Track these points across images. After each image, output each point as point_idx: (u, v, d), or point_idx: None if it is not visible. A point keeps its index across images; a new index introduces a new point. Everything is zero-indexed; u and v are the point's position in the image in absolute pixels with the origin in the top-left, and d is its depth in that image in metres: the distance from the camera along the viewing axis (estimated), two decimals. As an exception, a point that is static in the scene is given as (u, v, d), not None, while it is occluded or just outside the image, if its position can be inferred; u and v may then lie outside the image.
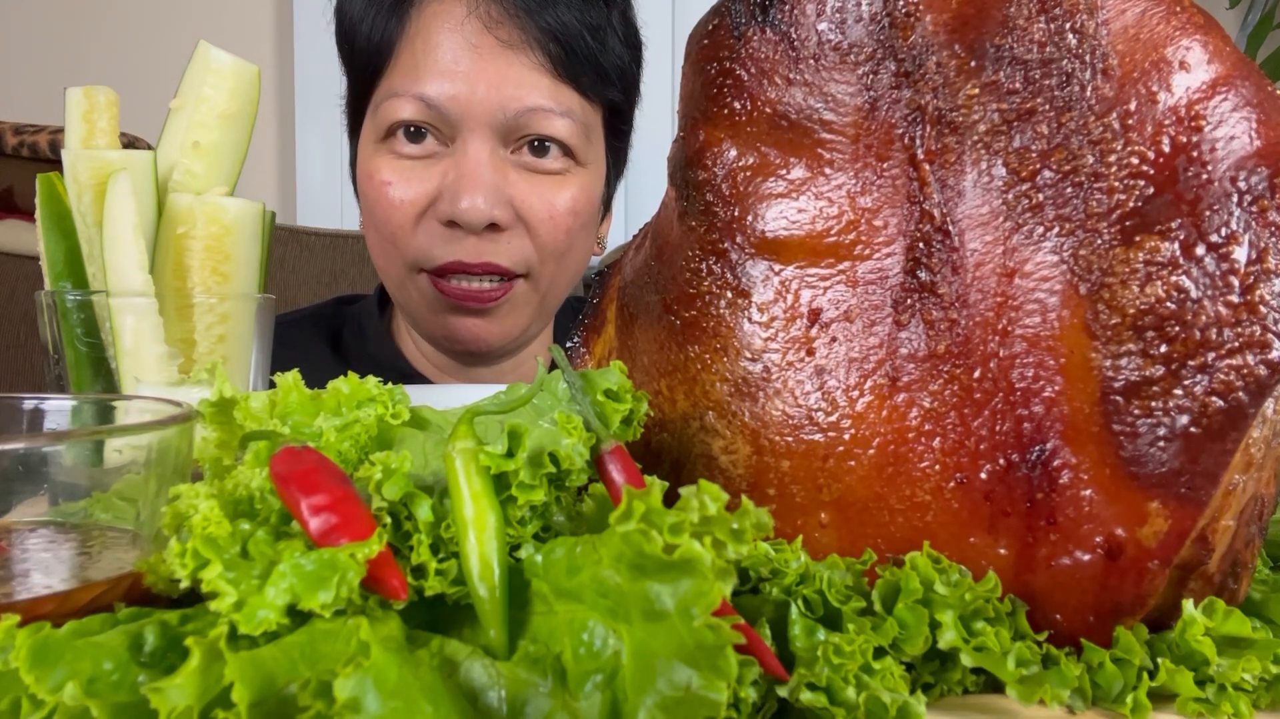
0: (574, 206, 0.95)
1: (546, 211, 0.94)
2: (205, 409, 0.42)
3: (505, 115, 0.91)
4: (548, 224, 0.94)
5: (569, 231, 0.95)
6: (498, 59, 0.91)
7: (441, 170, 0.93)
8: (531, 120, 0.92)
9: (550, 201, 0.94)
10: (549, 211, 0.94)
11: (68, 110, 0.64)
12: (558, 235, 0.95)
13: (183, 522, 0.34)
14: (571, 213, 0.95)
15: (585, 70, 0.94)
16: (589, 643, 0.30)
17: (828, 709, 0.34)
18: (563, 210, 0.94)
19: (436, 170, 0.93)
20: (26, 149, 1.63)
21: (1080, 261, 0.40)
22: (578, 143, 0.94)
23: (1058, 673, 0.37)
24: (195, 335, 0.63)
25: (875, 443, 0.41)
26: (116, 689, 0.29)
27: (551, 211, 0.94)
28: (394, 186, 0.93)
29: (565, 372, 0.39)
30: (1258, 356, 0.37)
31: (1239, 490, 0.39)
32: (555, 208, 0.94)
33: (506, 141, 0.93)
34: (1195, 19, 0.41)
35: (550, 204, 0.94)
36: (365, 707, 0.26)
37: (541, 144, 0.94)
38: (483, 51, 0.91)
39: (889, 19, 0.43)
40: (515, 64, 0.91)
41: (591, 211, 0.98)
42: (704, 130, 0.45)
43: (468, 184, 0.90)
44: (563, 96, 0.93)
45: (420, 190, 0.93)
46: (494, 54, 0.91)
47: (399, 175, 0.93)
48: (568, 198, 0.95)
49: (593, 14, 0.94)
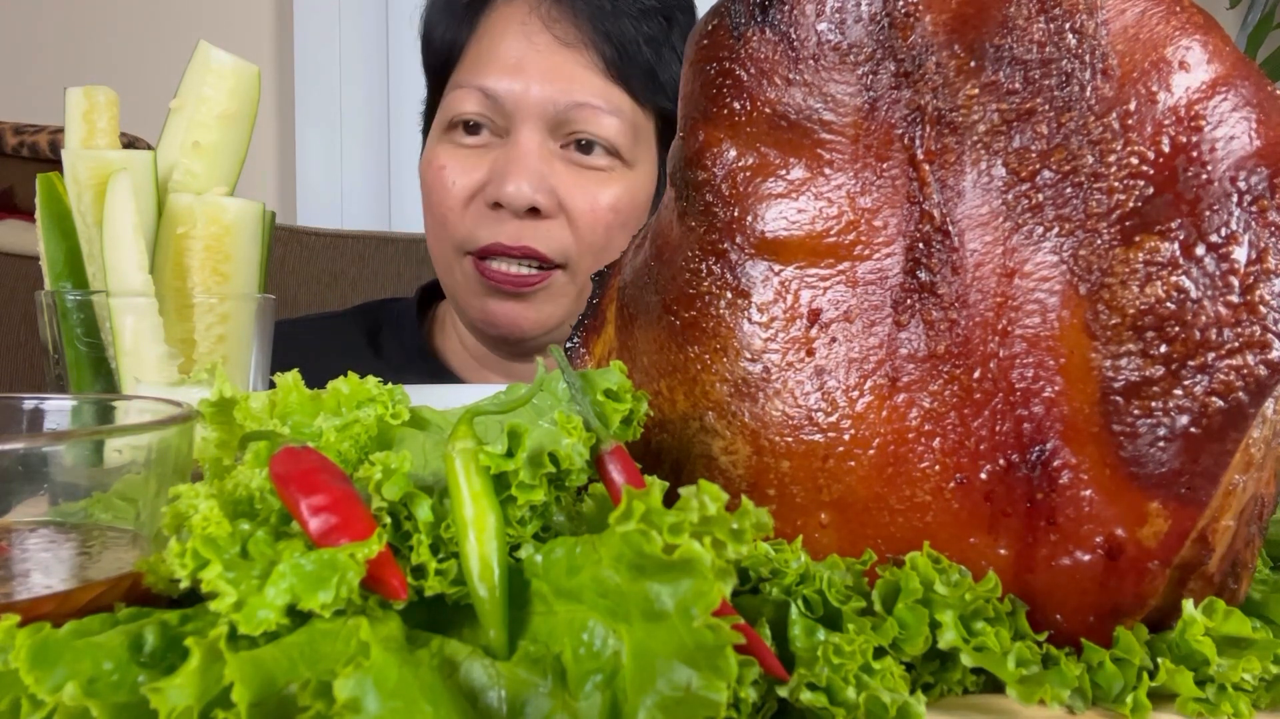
0: (615, 204, 0.98)
1: (588, 204, 0.97)
2: (205, 409, 0.42)
3: (555, 108, 0.96)
4: (588, 216, 0.97)
5: (608, 227, 0.99)
6: (554, 55, 0.96)
7: (493, 158, 0.98)
8: (579, 115, 0.96)
9: (593, 195, 0.97)
10: (590, 205, 0.97)
11: (68, 110, 0.64)
12: (597, 229, 0.98)
13: (183, 522, 0.34)
14: (612, 209, 0.98)
15: (637, 75, 0.98)
16: (589, 643, 0.30)
17: (828, 709, 0.34)
18: (604, 206, 0.98)
19: (489, 158, 0.98)
20: (26, 149, 1.63)
21: (1080, 262, 0.40)
22: (624, 142, 0.98)
23: (1058, 673, 0.37)
24: (195, 335, 0.63)
25: (875, 443, 0.41)
26: (116, 689, 0.29)
27: (593, 205, 0.97)
28: (449, 170, 1.00)
29: (565, 372, 0.39)
30: (1258, 357, 0.37)
31: (1239, 490, 0.39)
32: (597, 202, 0.98)
33: (556, 135, 0.97)
34: (1195, 19, 0.41)
35: (592, 198, 0.97)
36: (365, 707, 0.26)
37: (588, 143, 0.98)
38: (540, 47, 0.97)
39: (888, 19, 0.43)
40: (570, 61, 0.96)
41: (634, 212, 1.01)
42: (704, 131, 0.45)
43: (514, 169, 0.95)
44: (612, 96, 0.97)
45: (473, 175, 0.98)
46: (550, 50, 0.97)
47: (455, 160, 1.00)
48: (610, 194, 0.98)
49: (650, 26, 0.98)
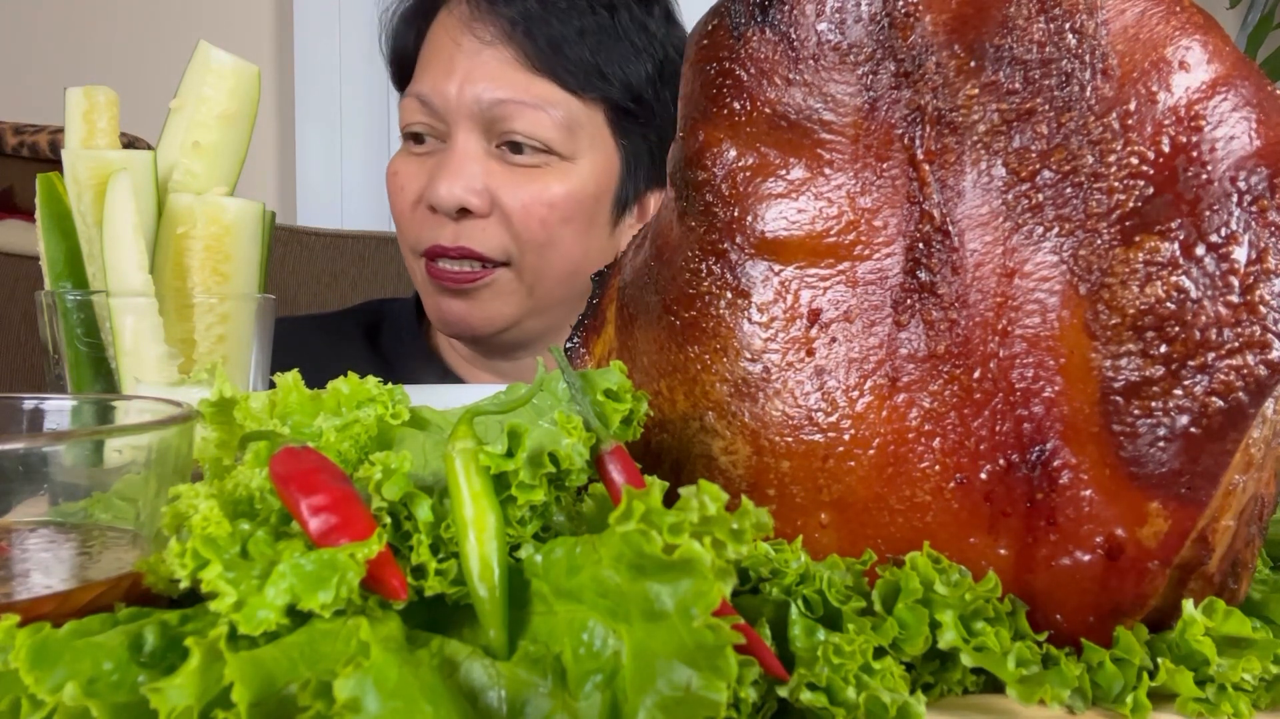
0: (550, 199, 0.98)
1: (520, 202, 0.97)
2: (205, 409, 0.42)
3: (480, 106, 0.96)
4: (521, 214, 0.97)
5: (544, 223, 0.98)
6: (476, 55, 0.97)
7: (433, 163, 1.00)
8: (504, 112, 0.96)
9: (526, 192, 0.97)
10: (523, 202, 0.97)
11: (68, 110, 0.64)
12: (532, 225, 0.98)
13: (183, 522, 0.34)
14: (547, 205, 0.98)
15: (567, 68, 0.97)
16: (589, 643, 0.30)
17: (828, 709, 0.34)
18: (540, 201, 0.98)
19: (431, 163, 1.00)
20: (26, 149, 1.63)
21: (1080, 262, 0.40)
22: (556, 136, 0.97)
23: (1058, 673, 0.37)
24: (195, 335, 0.63)
25: (875, 443, 0.41)
26: (116, 689, 0.29)
27: (525, 202, 0.97)
28: (399, 176, 1.02)
29: (565, 372, 0.39)
30: (1258, 357, 0.37)
31: (1239, 490, 0.39)
32: (529, 199, 0.97)
33: (491, 137, 0.98)
34: (1195, 19, 0.41)
35: (526, 195, 0.97)
36: (365, 707, 0.26)
37: (516, 145, 0.98)
38: (465, 48, 0.98)
39: (888, 19, 0.43)
40: (492, 59, 0.97)
41: (579, 206, 1.00)
42: (703, 131, 0.45)
43: (443, 172, 0.97)
44: (536, 89, 0.97)
45: (417, 181, 1.00)
46: (474, 50, 0.97)
47: (405, 168, 1.02)
48: (545, 190, 0.98)
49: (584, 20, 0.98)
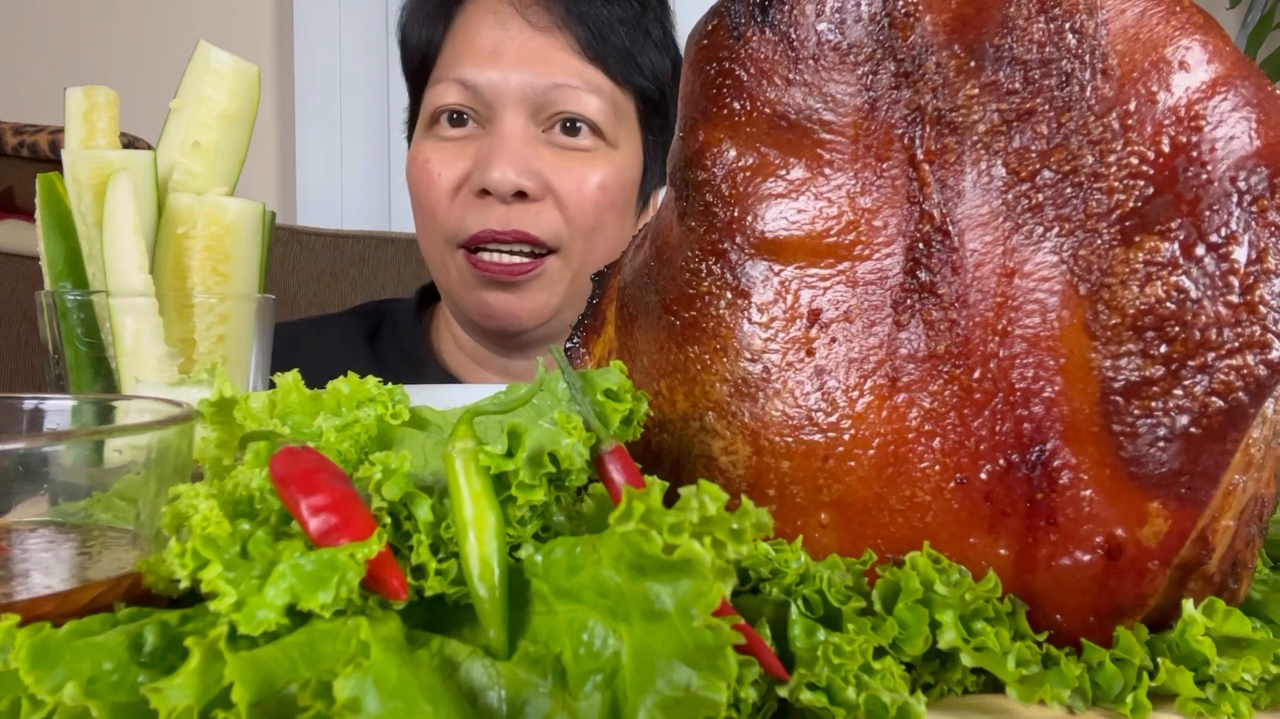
0: (602, 183, 0.99)
1: (575, 185, 0.98)
2: (205, 409, 0.42)
3: (534, 91, 0.97)
4: (575, 197, 0.98)
5: (597, 206, 0.99)
6: (529, 40, 0.98)
7: (477, 147, 0.99)
8: (559, 96, 0.97)
9: (579, 176, 0.98)
10: (577, 185, 0.98)
11: (68, 110, 0.64)
12: (585, 209, 0.99)
13: (183, 522, 0.34)
14: (600, 188, 0.99)
15: (613, 55, 0.99)
16: (589, 643, 0.30)
17: (828, 709, 0.34)
18: (591, 185, 0.99)
19: (472, 148, 1.00)
20: (26, 149, 1.63)
21: (1080, 262, 0.40)
22: (606, 120, 0.99)
23: (1058, 673, 0.37)
24: (195, 335, 0.63)
25: (875, 443, 0.41)
26: (116, 689, 0.29)
27: (580, 186, 0.98)
28: (433, 163, 1.01)
29: (565, 372, 0.39)
30: (1258, 357, 0.37)
31: (1239, 490, 0.39)
32: (584, 183, 0.99)
33: (538, 120, 0.99)
34: (1195, 19, 0.41)
35: (579, 179, 0.98)
36: (365, 707, 0.26)
37: (572, 124, 0.99)
38: (514, 34, 0.98)
39: (888, 19, 0.43)
40: (545, 45, 0.98)
41: (622, 192, 1.02)
42: (703, 131, 0.45)
43: (497, 154, 0.96)
44: (590, 76, 0.99)
45: (458, 166, 0.99)
46: (525, 35, 0.98)
47: (439, 153, 1.01)
48: (597, 174, 0.99)
49: (623, 8, 1.00)
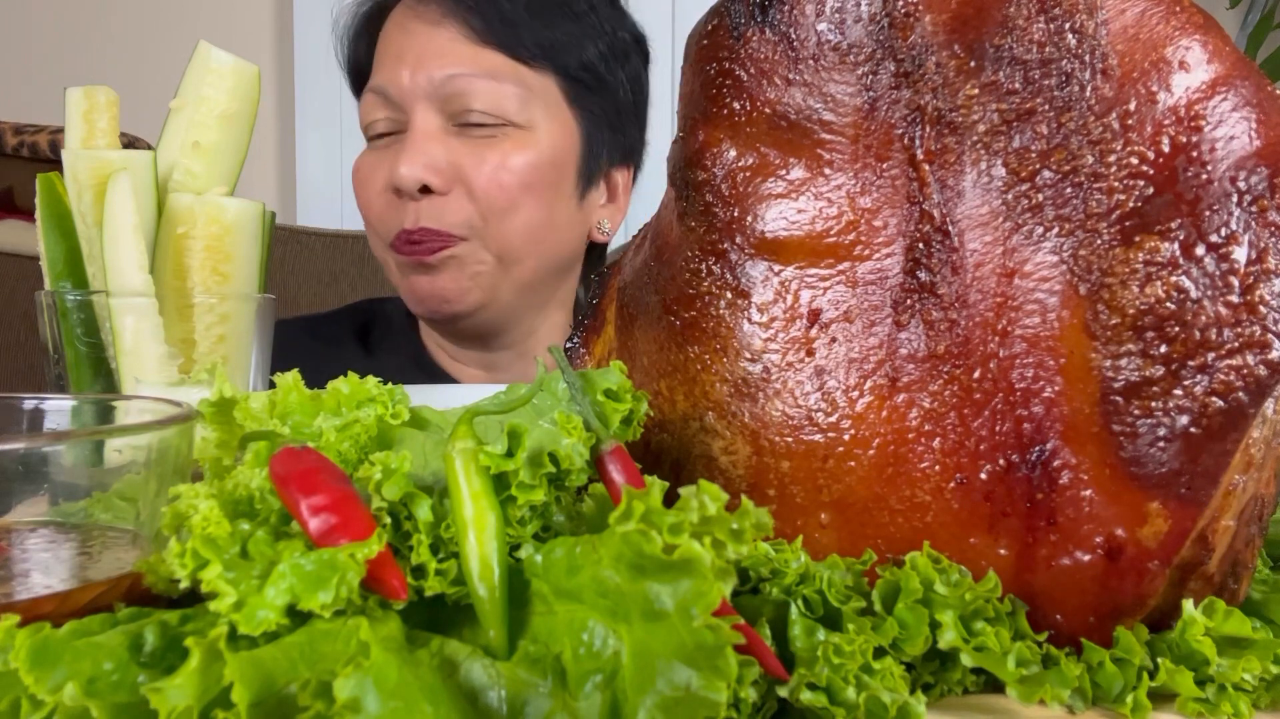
0: (510, 165, 1.00)
1: (481, 169, 0.99)
2: (205, 409, 0.42)
3: (433, 84, 0.99)
4: (483, 181, 0.99)
5: (504, 188, 1.00)
6: (425, 37, 1.00)
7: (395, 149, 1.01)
8: (456, 86, 0.99)
9: (488, 162, 0.99)
10: (484, 169, 0.99)
11: (68, 110, 0.64)
12: (493, 192, 0.99)
13: (183, 522, 0.34)
14: (507, 169, 1.00)
15: (513, 36, 1.00)
16: (589, 643, 0.30)
17: (828, 709, 0.34)
18: (498, 166, 0.99)
19: (392, 152, 1.02)
20: (26, 149, 1.63)
21: (1080, 262, 0.40)
22: (510, 105, 1.00)
23: (1058, 673, 0.37)
24: (195, 335, 0.63)
25: (875, 443, 0.41)
26: (116, 689, 0.29)
27: (486, 169, 0.99)
28: (362, 171, 1.04)
29: (565, 372, 0.39)
30: (1258, 357, 0.37)
31: (1239, 490, 0.39)
32: (491, 167, 0.99)
33: (450, 113, 1.00)
34: (1195, 19, 0.41)
35: (488, 164, 0.99)
36: (365, 707, 0.26)
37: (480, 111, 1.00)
38: (413, 33, 1.01)
39: (888, 19, 0.43)
40: (439, 38, 1.00)
41: (535, 172, 1.02)
42: (703, 131, 0.45)
43: (404, 153, 0.98)
44: (485, 60, 1.00)
45: (380, 171, 1.02)
46: (423, 34, 1.00)
47: (369, 163, 1.04)
48: (502, 157, 1.00)
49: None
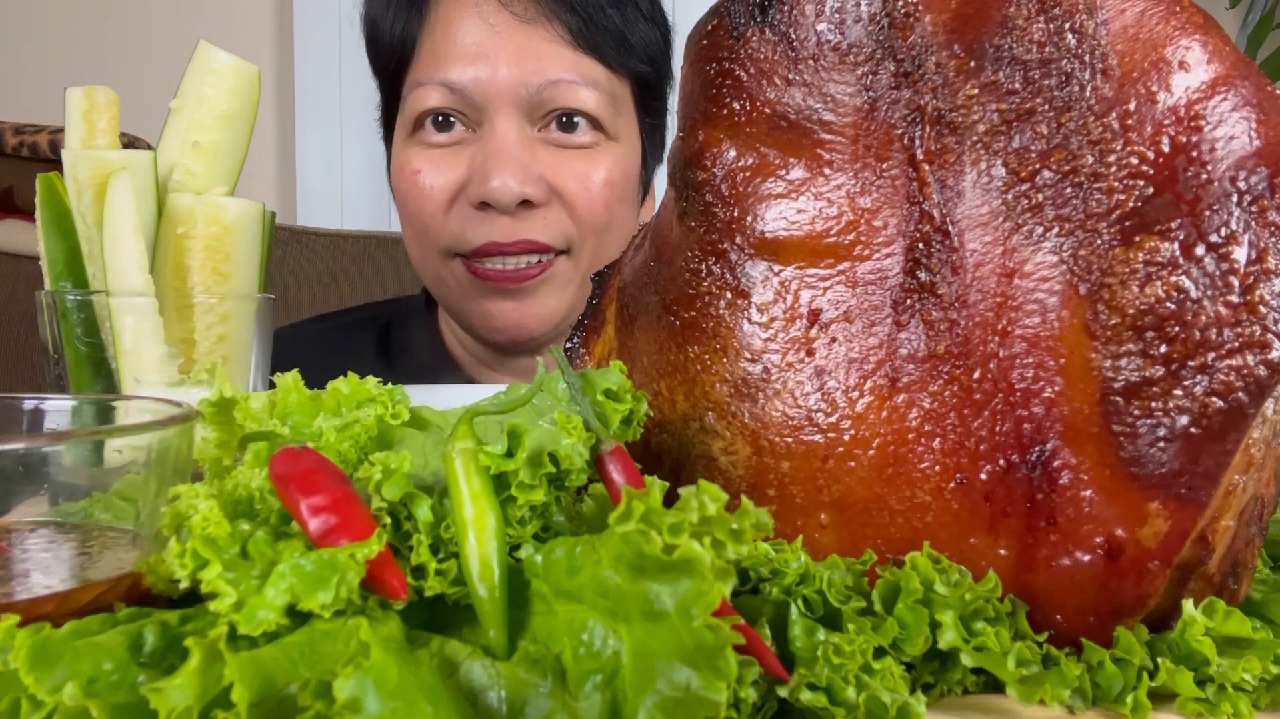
0: (609, 178, 0.94)
1: (581, 185, 0.92)
2: (205, 409, 0.42)
3: (529, 90, 0.90)
4: (583, 197, 0.93)
5: (607, 204, 0.94)
6: (516, 35, 0.91)
7: (470, 155, 0.92)
8: (555, 93, 0.91)
9: (584, 175, 0.93)
10: (583, 184, 0.93)
11: (68, 110, 0.64)
12: (595, 209, 0.93)
13: (183, 522, 0.34)
14: (607, 184, 0.94)
15: (607, 41, 0.93)
16: (589, 643, 0.30)
17: (828, 709, 0.34)
18: (598, 183, 0.93)
19: (465, 155, 0.93)
20: (26, 149, 1.63)
21: (1080, 262, 0.40)
22: (605, 114, 0.93)
23: (1058, 673, 0.37)
24: (195, 335, 0.63)
25: (875, 444, 0.41)
26: (116, 689, 0.29)
27: (586, 184, 0.93)
28: (424, 174, 0.93)
29: (565, 372, 0.39)
30: (1258, 357, 0.37)
31: (1239, 490, 0.39)
32: (590, 181, 0.93)
33: (533, 119, 0.92)
34: (1195, 19, 0.41)
35: (584, 177, 0.93)
36: (365, 707, 0.26)
37: (569, 119, 0.92)
38: (501, 29, 0.91)
39: (888, 19, 0.43)
40: (535, 38, 0.91)
41: (628, 185, 0.97)
42: (703, 131, 0.45)
43: (495, 163, 0.89)
44: (585, 67, 0.92)
45: (451, 176, 0.93)
46: (512, 30, 0.91)
47: (429, 163, 0.93)
48: (602, 170, 0.93)
49: None
